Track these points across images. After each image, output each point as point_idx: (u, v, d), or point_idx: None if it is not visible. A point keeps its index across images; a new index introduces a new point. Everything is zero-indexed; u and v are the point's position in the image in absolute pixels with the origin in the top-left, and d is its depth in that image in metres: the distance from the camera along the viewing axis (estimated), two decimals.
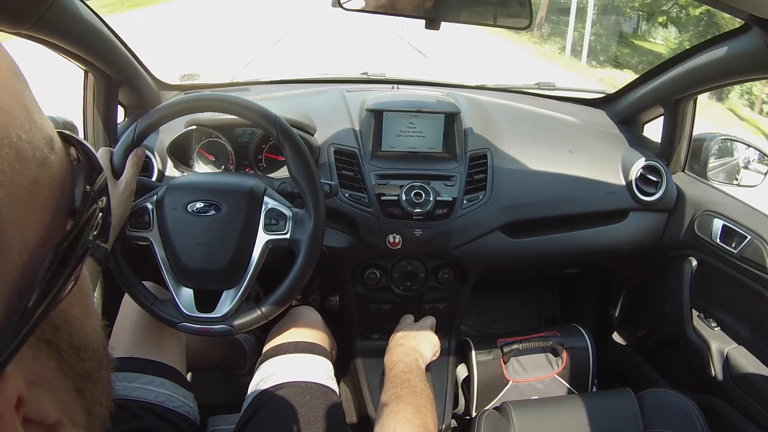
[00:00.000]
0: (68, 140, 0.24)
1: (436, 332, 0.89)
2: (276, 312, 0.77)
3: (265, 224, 0.76)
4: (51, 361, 0.21)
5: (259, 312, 0.76)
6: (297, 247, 0.76)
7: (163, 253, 0.76)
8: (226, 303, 0.76)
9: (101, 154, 0.76)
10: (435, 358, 0.84)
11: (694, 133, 1.12)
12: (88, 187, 0.23)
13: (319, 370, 0.82)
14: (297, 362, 0.82)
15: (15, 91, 0.20)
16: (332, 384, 0.82)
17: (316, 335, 0.88)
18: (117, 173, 0.75)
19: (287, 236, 0.76)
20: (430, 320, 0.92)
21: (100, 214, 0.24)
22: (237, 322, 0.76)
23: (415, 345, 0.81)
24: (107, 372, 0.26)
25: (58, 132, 0.23)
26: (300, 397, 0.75)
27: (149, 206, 0.77)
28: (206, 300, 0.76)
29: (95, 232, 0.23)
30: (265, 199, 0.77)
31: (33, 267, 0.19)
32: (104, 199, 0.25)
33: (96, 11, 0.87)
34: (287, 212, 0.77)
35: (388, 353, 0.80)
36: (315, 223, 0.75)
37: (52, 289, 0.20)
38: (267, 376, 0.80)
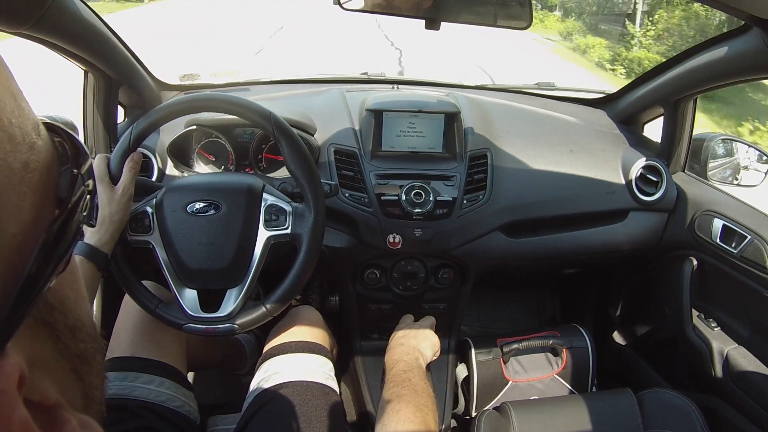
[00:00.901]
0: (53, 129, 0.24)
1: (436, 332, 0.89)
2: (281, 308, 0.77)
3: (266, 220, 0.76)
4: (48, 341, 0.22)
5: (264, 309, 0.76)
6: (298, 241, 0.76)
7: (165, 255, 0.76)
8: (230, 302, 0.76)
9: (98, 162, 0.76)
10: (435, 357, 0.84)
11: (694, 133, 1.12)
12: (75, 170, 0.24)
13: (320, 370, 0.82)
14: (298, 362, 0.82)
15: (3, 80, 0.21)
16: (333, 384, 0.82)
17: (317, 334, 0.88)
18: (114, 179, 0.75)
19: (288, 231, 0.76)
20: (430, 320, 0.92)
21: (88, 195, 0.25)
22: (242, 320, 0.76)
23: (416, 344, 0.81)
24: (101, 355, 0.27)
25: (44, 122, 0.24)
26: (301, 396, 0.75)
27: (149, 209, 0.77)
28: (210, 300, 0.77)
29: (84, 213, 0.25)
30: (264, 195, 0.77)
31: (28, 247, 0.20)
32: (91, 182, 0.26)
33: (96, 11, 0.87)
34: (287, 207, 0.77)
35: (388, 352, 0.81)
36: (315, 216, 0.75)
37: (47, 268, 0.21)
38: (268, 375, 0.80)
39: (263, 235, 0.76)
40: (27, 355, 0.20)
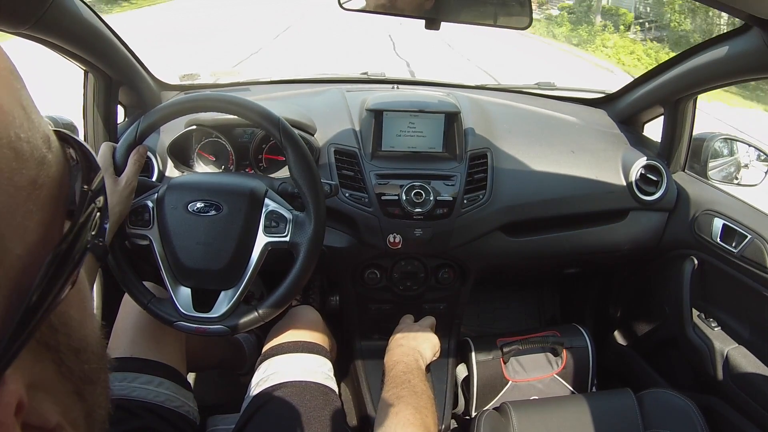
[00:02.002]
0: (65, 139, 0.23)
1: (436, 332, 0.89)
2: (273, 314, 0.77)
3: (265, 226, 0.76)
4: (51, 364, 0.21)
5: (256, 314, 0.76)
6: (296, 250, 0.76)
7: (162, 251, 0.76)
8: (224, 303, 0.76)
9: (104, 150, 0.76)
10: (435, 358, 0.84)
11: (694, 133, 1.12)
12: (85, 187, 0.23)
13: (319, 370, 0.82)
14: (297, 362, 0.82)
15: (13, 90, 0.20)
16: (332, 384, 0.82)
17: (316, 335, 0.88)
18: (119, 170, 0.75)
19: (287, 239, 0.76)
20: (430, 320, 0.92)
21: (98, 213, 0.24)
22: (234, 323, 0.76)
23: (416, 345, 0.81)
24: (106, 374, 0.26)
25: (55, 131, 0.23)
26: (299, 396, 0.75)
27: (150, 204, 0.77)
28: (204, 300, 0.76)
29: (93, 232, 0.23)
30: (266, 201, 0.77)
31: (32, 268, 0.19)
32: (102, 198, 0.24)
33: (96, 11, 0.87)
34: (287, 215, 0.77)
35: (388, 353, 0.80)
36: (315, 227, 0.75)
37: (52, 290, 0.19)
38: (267, 375, 0.80)
39: (262, 240, 0.76)
40: (27, 379, 0.19)
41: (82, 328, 0.23)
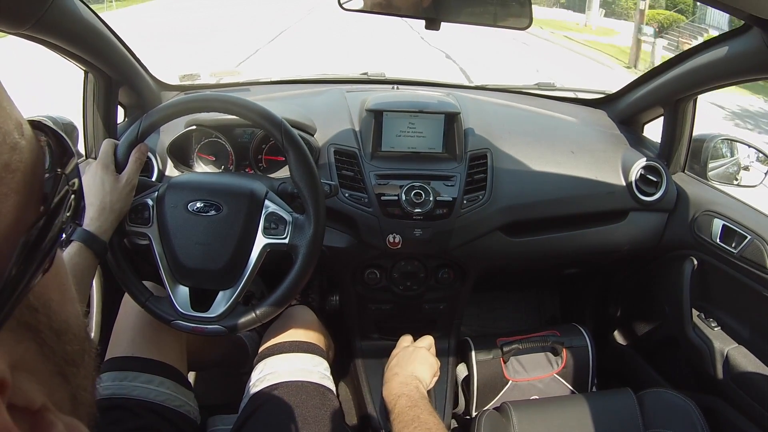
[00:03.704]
0: (39, 127, 0.24)
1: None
2: (271, 315, 0.77)
3: (265, 228, 0.76)
4: (32, 344, 0.21)
5: (253, 314, 0.76)
6: (295, 253, 0.76)
7: (161, 250, 0.76)
8: (222, 303, 0.76)
9: (106, 146, 0.76)
10: (436, 378, 0.83)
11: (694, 134, 1.12)
12: (59, 170, 0.24)
13: (315, 370, 0.82)
14: (293, 362, 0.82)
15: None
16: (329, 383, 0.82)
17: (312, 334, 0.89)
18: (120, 167, 0.75)
19: (286, 241, 0.76)
20: (428, 341, 0.91)
21: (73, 195, 0.24)
22: (231, 323, 0.76)
23: (412, 371, 0.80)
24: (90, 357, 0.27)
25: (29, 120, 0.23)
26: (297, 397, 0.75)
27: (150, 202, 0.77)
28: (202, 299, 0.77)
29: (68, 214, 0.24)
30: (266, 202, 0.77)
31: (7, 251, 0.19)
32: (76, 181, 0.25)
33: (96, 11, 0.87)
34: (287, 217, 0.77)
35: (385, 386, 0.79)
36: (314, 230, 0.75)
37: (28, 270, 0.20)
38: (263, 375, 0.80)
39: (261, 241, 0.76)
40: (9, 359, 0.19)
41: (63, 311, 0.24)
